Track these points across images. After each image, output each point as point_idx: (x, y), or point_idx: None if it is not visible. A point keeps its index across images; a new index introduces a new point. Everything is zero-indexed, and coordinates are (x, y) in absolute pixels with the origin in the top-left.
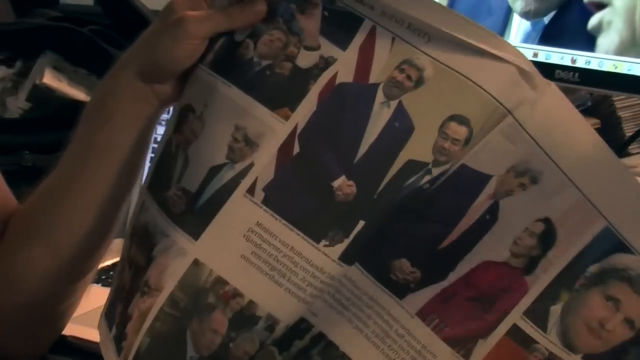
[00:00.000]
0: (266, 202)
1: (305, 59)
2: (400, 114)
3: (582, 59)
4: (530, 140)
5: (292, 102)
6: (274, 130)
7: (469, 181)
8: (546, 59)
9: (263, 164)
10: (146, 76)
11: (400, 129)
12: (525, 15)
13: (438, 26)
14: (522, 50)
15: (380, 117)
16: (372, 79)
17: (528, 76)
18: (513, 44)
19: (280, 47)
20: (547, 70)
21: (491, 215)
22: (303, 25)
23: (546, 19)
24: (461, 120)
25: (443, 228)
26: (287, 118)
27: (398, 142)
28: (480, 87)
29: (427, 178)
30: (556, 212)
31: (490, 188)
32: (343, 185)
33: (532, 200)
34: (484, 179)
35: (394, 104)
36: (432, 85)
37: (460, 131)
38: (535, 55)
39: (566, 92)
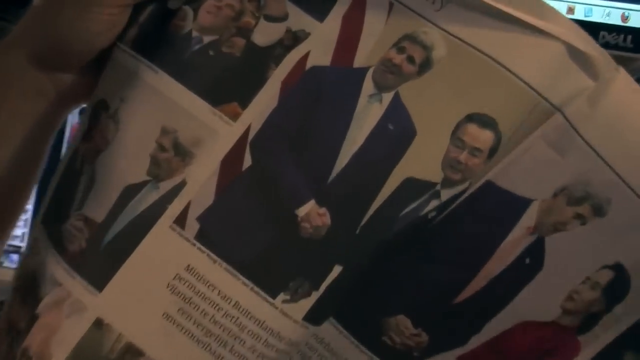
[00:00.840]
0: (201, 237)
1: (265, 34)
2: (396, 111)
3: (637, 16)
4: (588, 150)
5: (243, 94)
6: (217, 134)
7: (498, 206)
8: (586, 16)
9: (199, 183)
10: (42, 61)
11: (396, 133)
12: None
13: None
14: (551, 4)
15: (368, 115)
16: (359, 62)
17: (585, 59)
18: None
19: (231, 16)
20: (588, 31)
21: (533, 258)
22: None
23: None
24: (485, 121)
25: (460, 273)
26: (235, 117)
27: (393, 152)
28: (513, 73)
29: (433, 204)
30: (631, 256)
31: (529, 218)
32: (312, 213)
33: (597, 240)
34: (519, 204)
35: (387, 97)
36: (443, 71)
37: (484, 137)
38: (571, 10)
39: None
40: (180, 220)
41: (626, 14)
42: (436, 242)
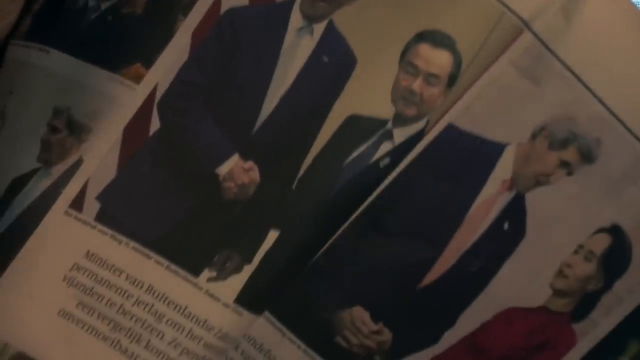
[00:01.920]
0: (103, 217)
1: None
2: (331, 41)
3: None
4: (568, 75)
5: (147, 53)
6: (118, 101)
7: (464, 156)
8: None
9: (98, 158)
10: None
11: (332, 65)
12: None
13: None
14: None
15: (297, 51)
16: None
17: None
18: None
19: None
20: None
21: (513, 222)
22: None
23: None
24: (439, 39)
25: (424, 248)
26: (138, 79)
27: (329, 87)
28: None
29: (385, 147)
30: (630, 214)
31: (504, 169)
32: (236, 170)
33: (588, 195)
34: (490, 151)
35: (319, 27)
36: None
37: (440, 59)
38: None
39: None
40: (77, 203)
41: None
42: (391, 209)
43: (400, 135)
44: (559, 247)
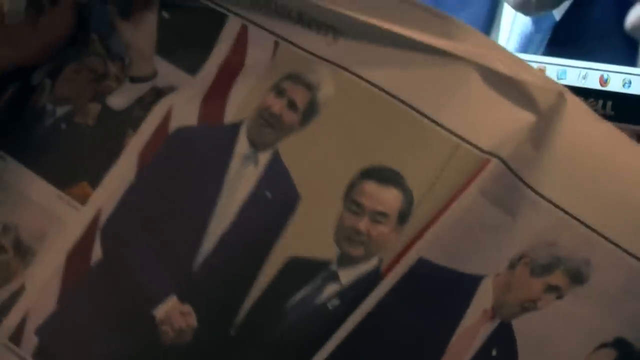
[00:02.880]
0: (40, 354)
1: (124, 95)
2: (275, 174)
3: (617, 78)
4: (544, 203)
5: (94, 171)
6: (63, 222)
7: (438, 289)
8: (559, 79)
9: (39, 287)
10: None
11: (274, 201)
12: (523, 6)
13: (349, 12)
14: None
15: (240, 183)
16: (231, 115)
17: (515, 87)
18: None
19: (90, 79)
20: None
21: (502, 348)
22: (129, 39)
23: (557, 14)
24: (386, 176)
25: None
26: (84, 200)
27: (271, 226)
28: (419, 111)
29: (331, 289)
30: (635, 327)
31: (483, 300)
32: (173, 313)
33: (584, 314)
34: (466, 284)
35: (264, 157)
36: (331, 117)
37: (387, 197)
38: (541, 72)
39: None
40: (17, 336)
41: (605, 76)
42: (369, 346)
43: (348, 276)
44: None
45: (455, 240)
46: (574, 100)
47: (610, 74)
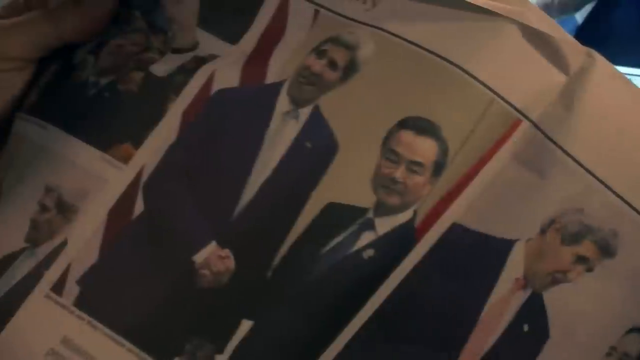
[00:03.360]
0: (81, 302)
1: (167, 63)
2: (315, 126)
3: None
4: (574, 166)
5: (137, 132)
6: (105, 181)
7: (471, 255)
8: None
9: (82, 241)
10: None
11: (314, 151)
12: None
13: None
14: None
15: (282, 136)
16: (272, 76)
17: (548, 45)
18: None
19: (133, 52)
20: None
21: (533, 322)
22: (172, 13)
23: (579, 17)
24: (422, 126)
25: (437, 355)
26: (127, 159)
27: (309, 173)
28: (454, 64)
29: (367, 237)
30: None
31: (515, 266)
32: (212, 258)
33: (613, 292)
34: (498, 248)
35: (305, 112)
36: (371, 73)
37: (423, 147)
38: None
39: None
40: (59, 287)
41: (632, 80)
42: (401, 314)
43: (384, 225)
44: (589, 349)
45: (488, 204)
46: (603, 62)
47: (633, 77)
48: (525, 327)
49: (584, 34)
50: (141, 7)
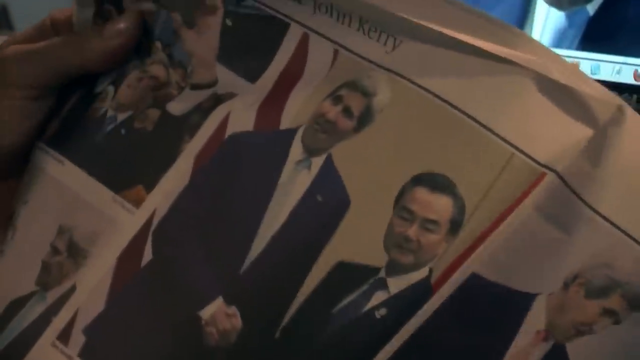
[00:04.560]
0: (86, 353)
1: (185, 101)
2: (327, 178)
3: None
4: (602, 222)
5: (150, 175)
6: (117, 224)
7: (491, 307)
8: (592, 74)
9: (90, 287)
10: None
11: (325, 205)
12: (557, 1)
13: (410, 16)
14: None
15: (293, 187)
16: (287, 122)
17: (574, 98)
18: None
19: (152, 86)
20: None
21: None
22: (192, 47)
23: (590, 9)
24: (438, 183)
25: None
26: (139, 202)
27: (321, 230)
28: (474, 119)
29: (379, 297)
30: None
31: (536, 319)
32: (219, 315)
33: None
34: (519, 301)
35: (317, 161)
36: (386, 123)
37: (438, 204)
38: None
39: None
40: (65, 335)
41: (639, 71)
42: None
43: (396, 284)
44: None
45: (508, 256)
46: (633, 115)
47: None
48: None
49: (595, 26)
50: (162, 39)
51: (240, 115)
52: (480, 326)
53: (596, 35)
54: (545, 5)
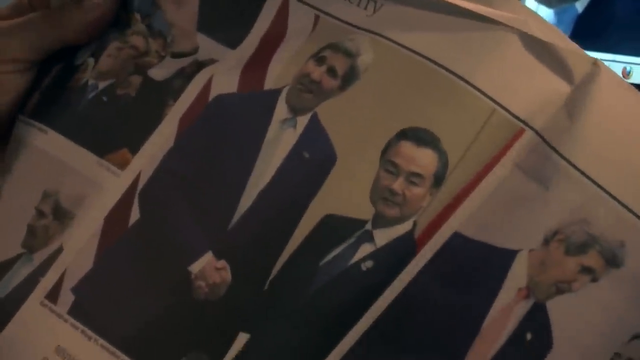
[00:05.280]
0: (75, 311)
1: (166, 67)
2: (313, 135)
3: None
4: (579, 176)
5: (134, 138)
6: (102, 187)
7: (473, 265)
8: None
9: (77, 248)
10: None
11: (312, 161)
12: (546, 0)
13: None
14: None
15: (279, 144)
16: (271, 82)
17: (552, 54)
18: None
19: (132, 56)
20: None
21: (536, 332)
22: (172, 18)
23: (579, 6)
24: (422, 137)
25: None
26: (124, 165)
27: (307, 184)
28: (456, 74)
29: (365, 249)
30: None
31: (518, 277)
32: (208, 268)
33: (619, 300)
34: (500, 258)
35: (303, 120)
36: (370, 81)
37: (423, 158)
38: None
39: None
40: (53, 294)
41: (628, 68)
42: (402, 321)
43: (382, 237)
44: (593, 356)
45: (490, 213)
46: (607, 71)
47: (633, 66)
48: (529, 336)
49: (583, 23)
50: (141, 10)
51: (224, 78)
52: (464, 285)
53: (585, 33)
54: (535, 3)
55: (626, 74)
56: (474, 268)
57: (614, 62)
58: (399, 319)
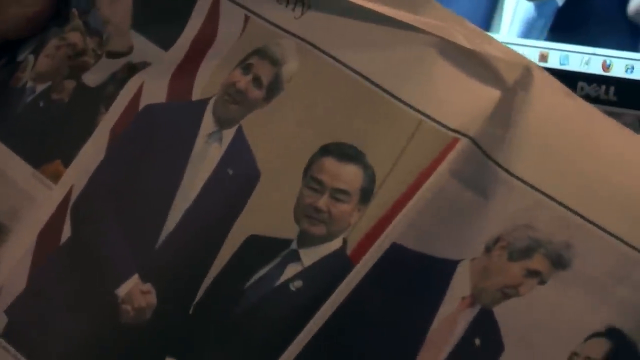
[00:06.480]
0: (9, 334)
1: (100, 71)
2: (237, 151)
3: (620, 64)
4: (518, 184)
5: (67, 149)
6: (35, 201)
7: (414, 276)
8: (561, 64)
9: (12, 265)
10: None
11: (236, 178)
12: None
13: None
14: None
15: (204, 160)
16: (199, 93)
17: (479, 61)
18: (506, 41)
19: (68, 56)
20: (564, 82)
21: (485, 337)
22: (106, 14)
23: (559, 0)
24: (345, 152)
25: None
26: (57, 178)
27: (231, 203)
28: (381, 87)
29: (293, 269)
30: (628, 316)
31: (461, 286)
32: (134, 292)
33: (571, 300)
34: (442, 269)
35: (228, 134)
36: (294, 93)
37: (347, 174)
38: (544, 57)
39: None
40: None
41: (608, 61)
42: (340, 334)
43: (310, 256)
44: (549, 356)
45: (428, 224)
46: (541, 74)
47: (613, 59)
48: (477, 342)
49: (564, 16)
50: (78, 6)
51: (154, 85)
52: (405, 297)
53: (565, 26)
54: None
55: (606, 67)
56: (416, 278)
57: (594, 55)
58: (339, 334)
